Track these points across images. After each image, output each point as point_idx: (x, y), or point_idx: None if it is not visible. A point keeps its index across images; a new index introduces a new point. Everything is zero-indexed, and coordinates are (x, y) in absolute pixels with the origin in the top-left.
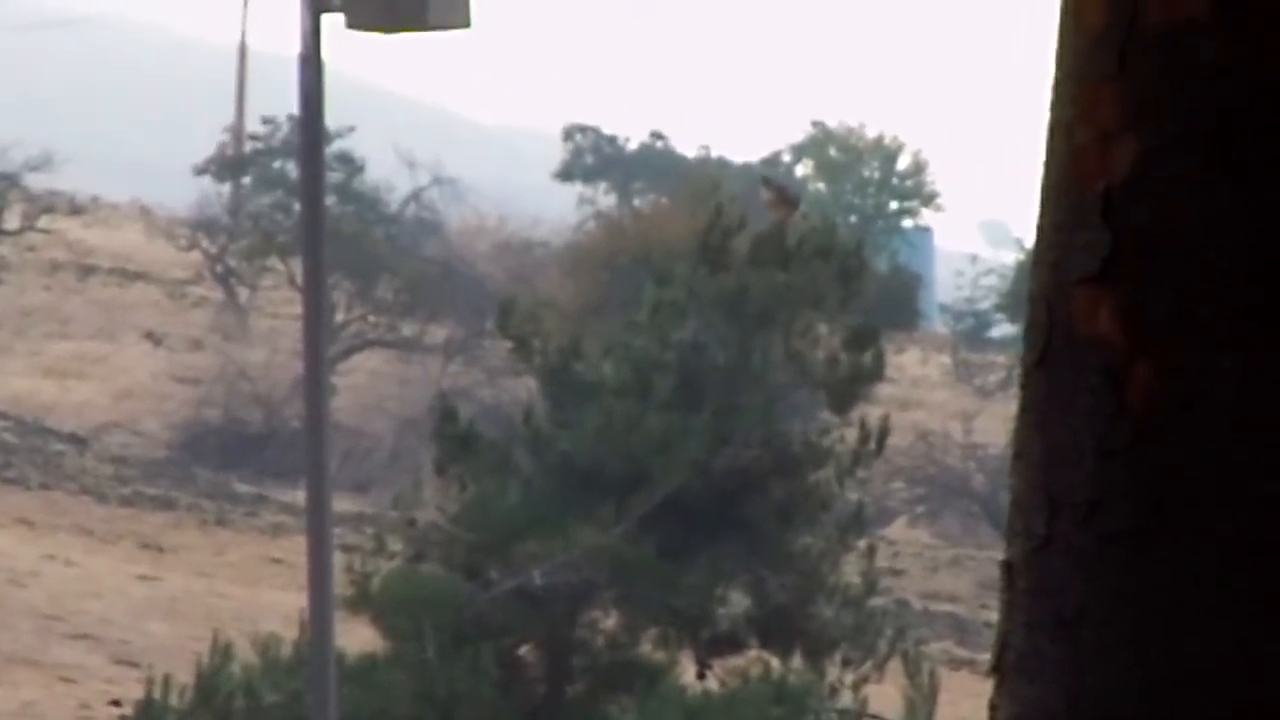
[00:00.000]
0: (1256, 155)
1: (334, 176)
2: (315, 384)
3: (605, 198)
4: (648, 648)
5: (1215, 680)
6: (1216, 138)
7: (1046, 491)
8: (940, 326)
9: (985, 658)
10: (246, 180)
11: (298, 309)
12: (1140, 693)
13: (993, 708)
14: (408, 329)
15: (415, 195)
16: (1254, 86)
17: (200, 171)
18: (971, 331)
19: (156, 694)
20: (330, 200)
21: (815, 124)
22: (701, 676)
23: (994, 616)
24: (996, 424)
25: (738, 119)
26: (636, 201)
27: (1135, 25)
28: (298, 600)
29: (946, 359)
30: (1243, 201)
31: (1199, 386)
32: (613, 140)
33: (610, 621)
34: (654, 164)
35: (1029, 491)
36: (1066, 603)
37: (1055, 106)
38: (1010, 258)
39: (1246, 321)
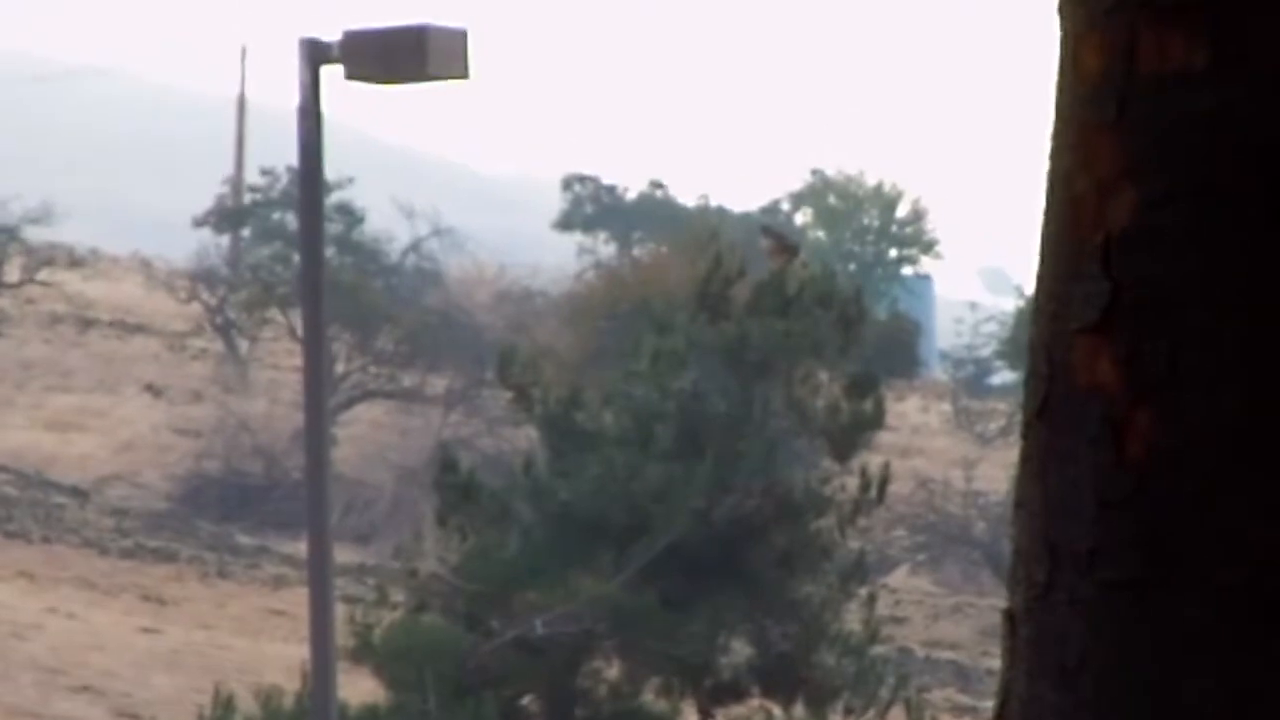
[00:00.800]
0: (1254, 205)
1: (333, 228)
2: (316, 435)
3: (605, 247)
4: (650, 697)
5: None
6: (1214, 187)
7: (1048, 541)
8: (940, 374)
9: (987, 705)
10: (246, 232)
11: (298, 360)
12: None
13: None
14: (408, 379)
15: (414, 245)
16: (1250, 136)
17: (199, 223)
18: (972, 379)
19: None
20: (330, 251)
21: (814, 172)
22: None
23: (996, 664)
24: (997, 471)
25: (737, 168)
26: (636, 251)
27: (1133, 73)
28: (300, 652)
29: (947, 406)
30: (1240, 251)
31: (1198, 436)
32: (612, 190)
33: (612, 671)
34: (653, 213)
35: (1030, 541)
36: (1068, 651)
37: (1054, 154)
38: (1010, 304)
39: (1245, 371)
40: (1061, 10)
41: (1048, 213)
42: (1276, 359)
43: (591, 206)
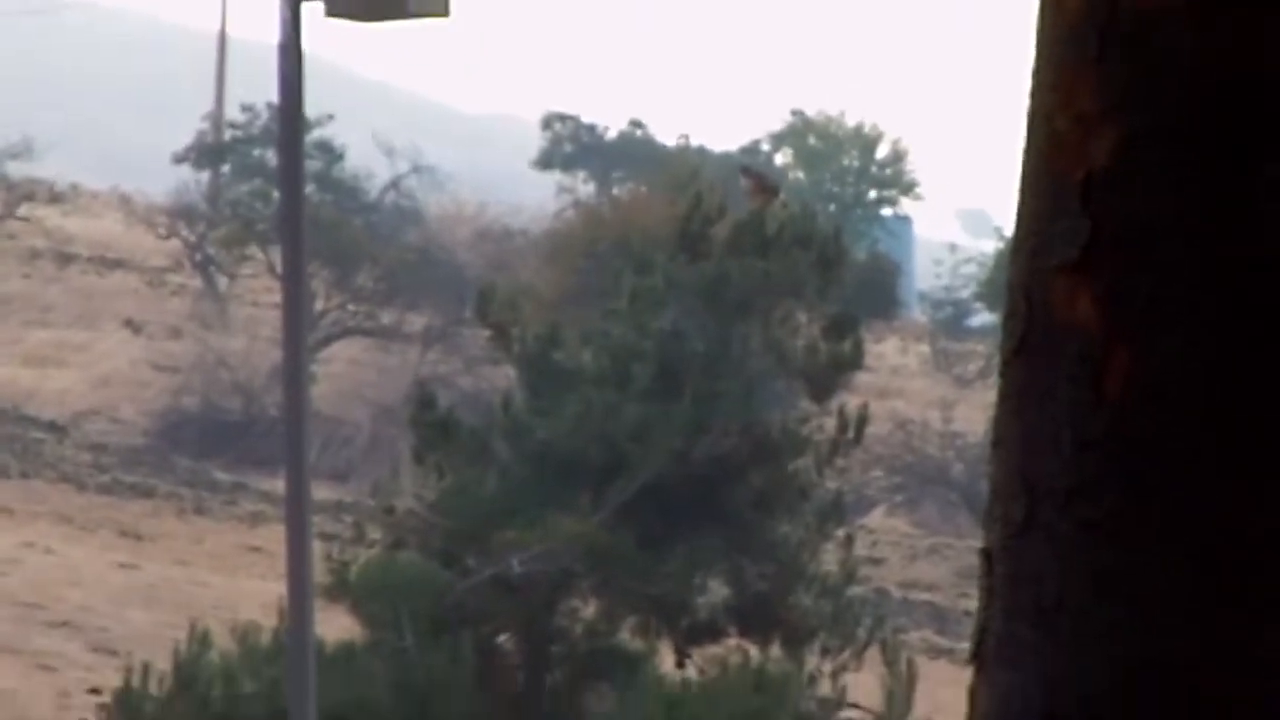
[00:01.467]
0: (1233, 144)
1: (313, 165)
2: (294, 372)
3: (584, 186)
4: (626, 636)
5: (1189, 667)
6: (1194, 126)
7: (1025, 479)
8: (919, 315)
9: (964, 646)
10: (226, 168)
11: (277, 297)
12: (1117, 679)
13: (972, 695)
14: (387, 317)
15: (394, 183)
16: (1230, 75)
17: (179, 159)
18: (950, 320)
19: (135, 682)
20: (309, 188)
21: (794, 113)
22: (680, 665)
23: (973, 605)
24: (975, 413)
25: (717, 108)
26: (615, 190)
27: (1114, 11)
28: (276, 588)
29: (925, 348)
30: (1220, 190)
31: (1176, 374)
32: (592, 129)
33: (589, 610)
34: (633, 152)
35: (1008, 479)
36: (1045, 590)
37: (1035, 93)
38: (989, 246)
39: (1224, 309)
40: None
41: (1027, 151)
42: (1255, 297)
43: (571, 145)
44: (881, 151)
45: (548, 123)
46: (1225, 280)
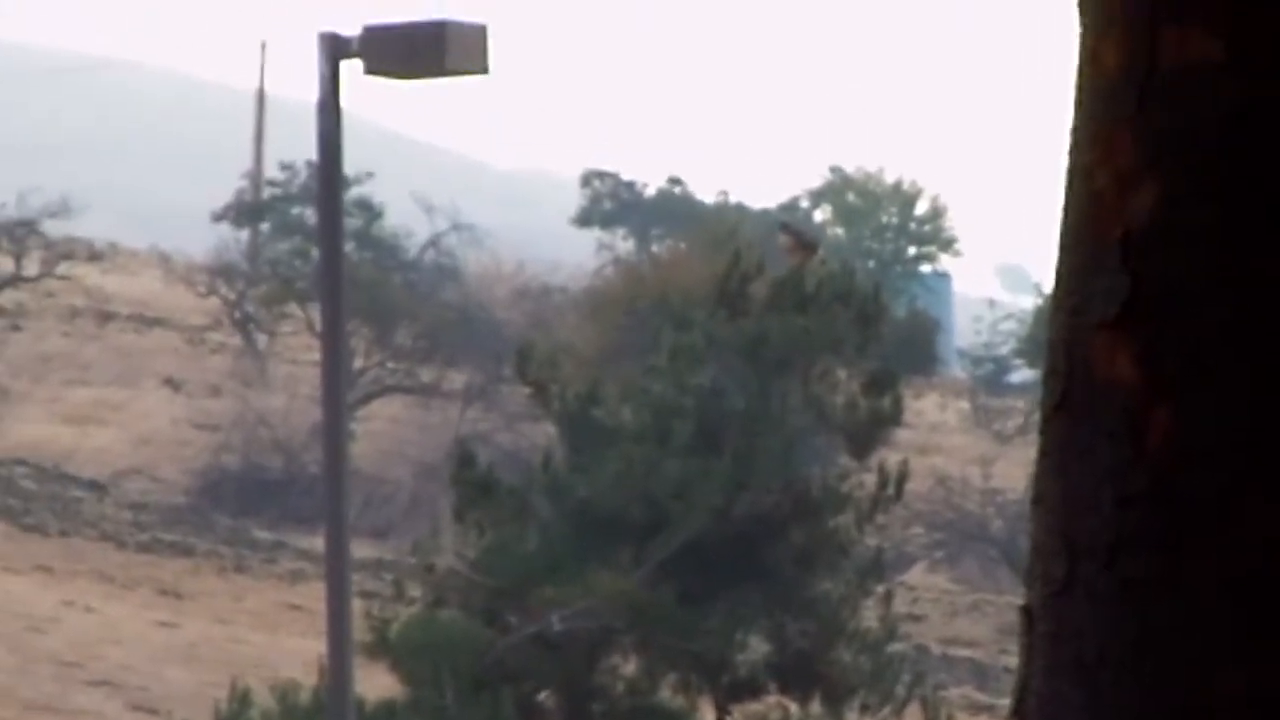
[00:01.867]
0: (1273, 200)
1: (352, 222)
2: (334, 430)
3: (623, 243)
4: (667, 693)
5: (1233, 716)
6: (1234, 182)
7: (1066, 536)
8: (959, 371)
9: (1005, 703)
10: (265, 226)
11: (316, 355)
12: None
13: None
14: (426, 375)
15: (433, 241)
16: (1270, 129)
17: (219, 218)
18: (990, 376)
19: None
20: (349, 246)
21: (833, 169)
22: None
23: (1013, 661)
24: (1015, 469)
25: (756, 165)
26: (655, 247)
27: (1152, 66)
28: (316, 646)
29: (965, 404)
30: (1260, 247)
31: (1216, 431)
32: (631, 186)
33: (629, 667)
34: (672, 210)
35: (1048, 536)
36: (1086, 647)
37: (1074, 150)
38: (1028, 302)
39: (1264, 367)
40: (1081, 6)
41: (1067, 208)
42: None
43: (610, 203)
44: (920, 208)
45: (586, 180)
46: (1264, 337)
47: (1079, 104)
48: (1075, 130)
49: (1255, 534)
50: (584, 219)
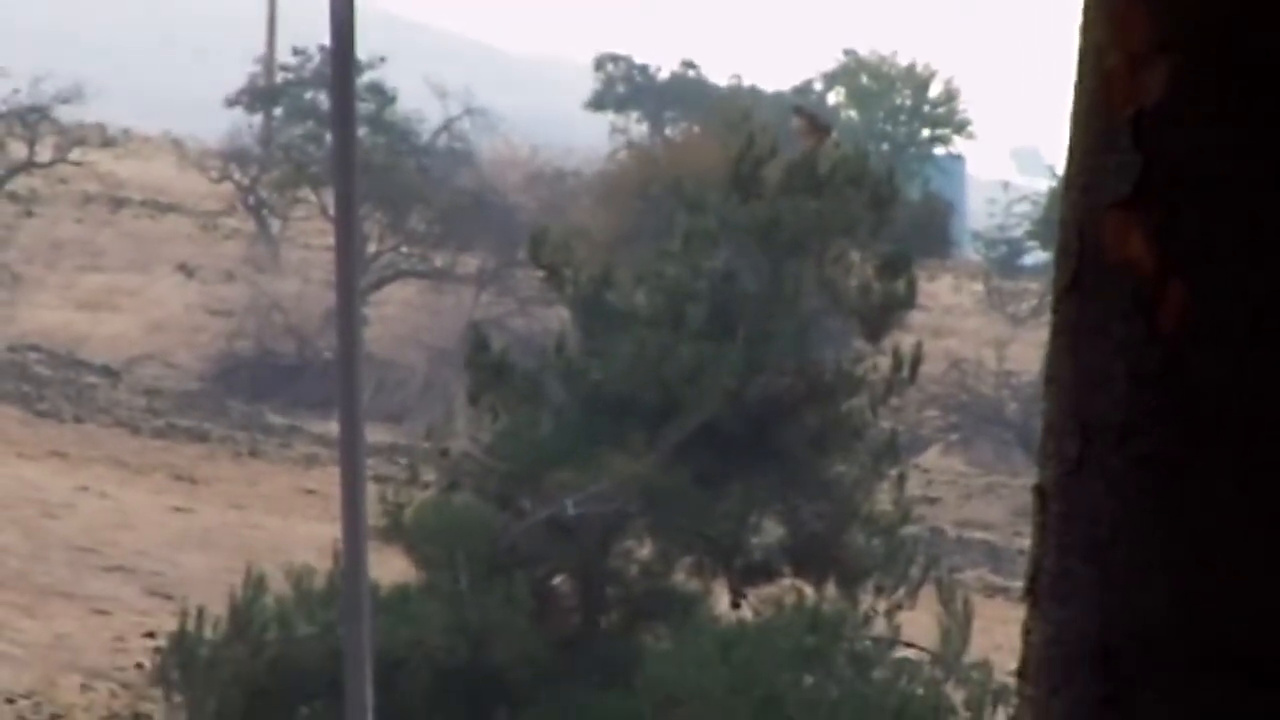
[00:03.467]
0: None
1: (365, 107)
2: (347, 315)
3: (637, 127)
4: (681, 577)
5: (1243, 598)
6: (1247, 59)
7: (1078, 415)
8: (973, 254)
9: (1019, 585)
10: (278, 111)
11: (329, 240)
12: (1172, 610)
13: (1026, 630)
14: (440, 259)
15: (447, 126)
16: None
17: (231, 103)
18: (1004, 259)
19: (190, 626)
20: (362, 131)
21: (847, 52)
22: (735, 605)
23: (1028, 544)
24: (1029, 351)
25: (769, 48)
26: (668, 131)
27: None
28: (331, 531)
29: (979, 287)
30: (1274, 124)
31: (1230, 309)
32: (644, 69)
33: (644, 551)
34: (685, 93)
35: (1061, 415)
36: (1099, 525)
37: (1085, 29)
38: (1043, 185)
39: (1276, 246)
40: None
41: (1079, 87)
42: None
43: (623, 86)
44: (934, 90)
45: (600, 64)
46: (1277, 214)
47: None
48: (1086, 10)
49: (1268, 413)
50: (597, 103)
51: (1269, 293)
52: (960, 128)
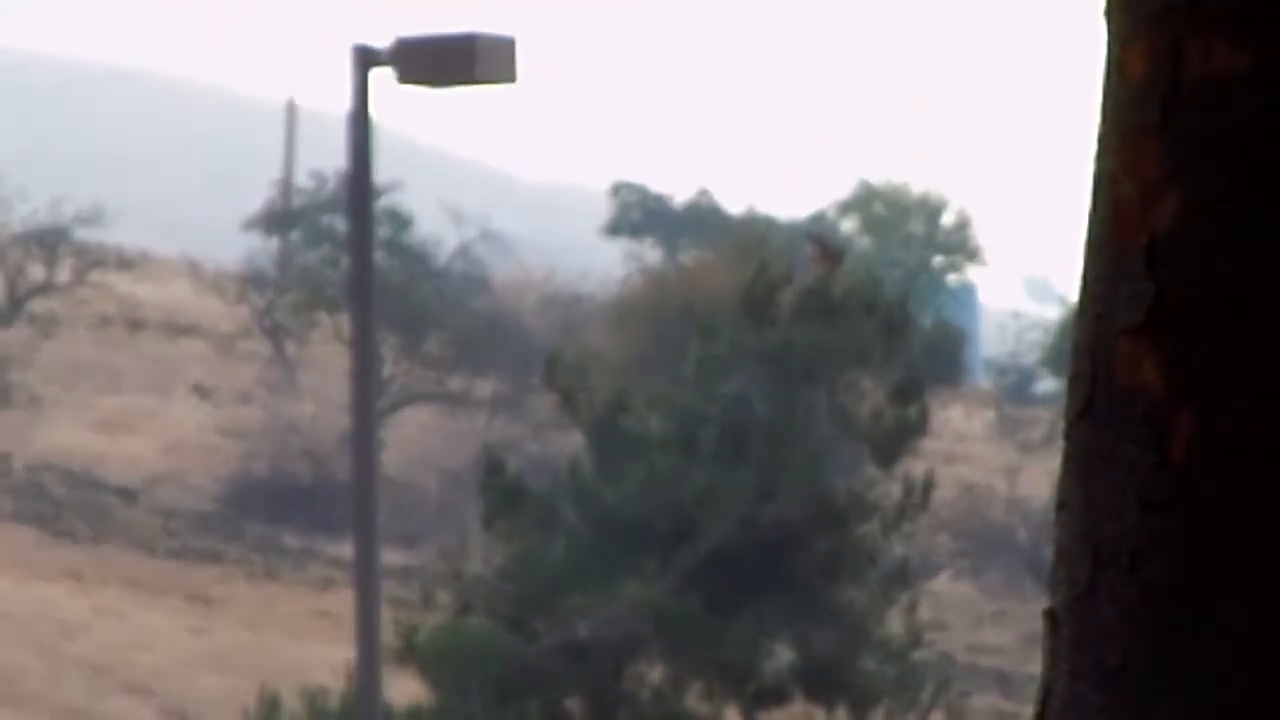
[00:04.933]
0: None
1: (381, 231)
2: (363, 437)
3: (651, 253)
4: (693, 701)
5: None
6: (1258, 192)
7: (1089, 541)
8: (984, 382)
9: (1029, 710)
10: (295, 235)
11: (345, 363)
12: None
13: None
14: (455, 383)
15: (462, 250)
16: None
17: (249, 226)
18: (1015, 387)
19: None
20: (378, 255)
21: (861, 181)
22: None
23: (1038, 670)
24: (1040, 478)
25: (784, 177)
26: (682, 258)
27: (1177, 77)
28: (345, 653)
29: (990, 414)
30: None
31: (1240, 437)
32: (659, 198)
33: (656, 674)
34: (700, 221)
35: (1072, 541)
36: (1110, 652)
37: (1099, 158)
38: (1053, 313)
39: None
40: (1108, 15)
41: (1092, 216)
42: None
43: (638, 213)
44: (947, 219)
45: (615, 191)
46: None
47: (1105, 113)
48: (1101, 139)
49: (1276, 540)
50: (612, 229)
51: (1277, 422)
52: (972, 255)
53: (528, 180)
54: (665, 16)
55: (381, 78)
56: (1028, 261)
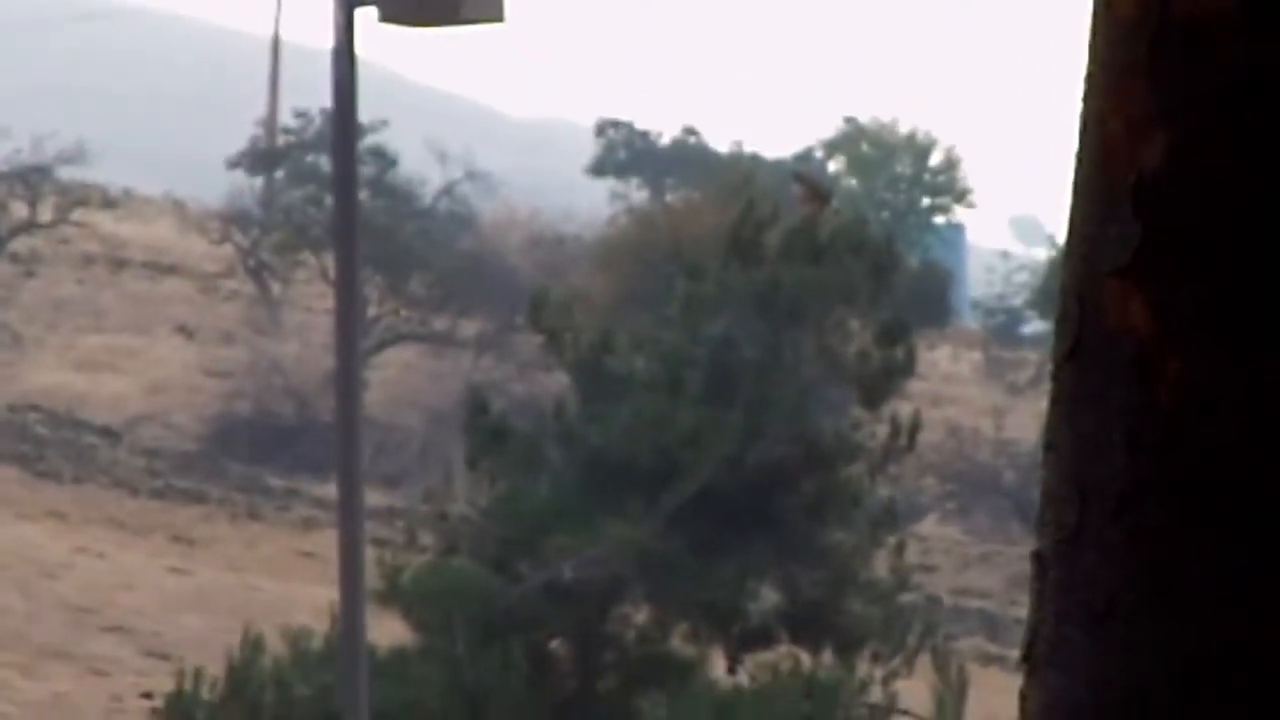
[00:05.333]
0: None
1: (366, 171)
2: (347, 378)
3: (638, 193)
4: (678, 643)
5: (1240, 669)
6: (1246, 133)
7: (1077, 483)
8: (972, 323)
9: (1015, 653)
10: (279, 174)
11: (330, 303)
12: (1169, 678)
13: (1023, 698)
14: (439, 323)
15: (447, 189)
16: None
17: (233, 165)
18: (1003, 328)
19: (188, 686)
20: (363, 194)
21: (848, 120)
22: (732, 671)
23: (1024, 613)
24: (1027, 420)
25: (770, 115)
26: (669, 197)
27: (1165, 17)
28: (329, 593)
29: (978, 355)
30: (1272, 196)
31: (1228, 379)
32: (645, 136)
33: (640, 616)
34: (686, 159)
35: (1060, 483)
36: (1096, 594)
37: (1087, 98)
38: (1041, 254)
39: (1274, 317)
40: None
41: (1080, 156)
42: None
43: (624, 152)
44: (934, 159)
45: (601, 129)
46: (1275, 289)
47: (1093, 52)
48: (1089, 78)
49: (1266, 484)
50: (598, 168)
51: (1266, 364)
52: (960, 196)
53: (515, 117)
54: None
55: (367, 14)
56: (1015, 200)
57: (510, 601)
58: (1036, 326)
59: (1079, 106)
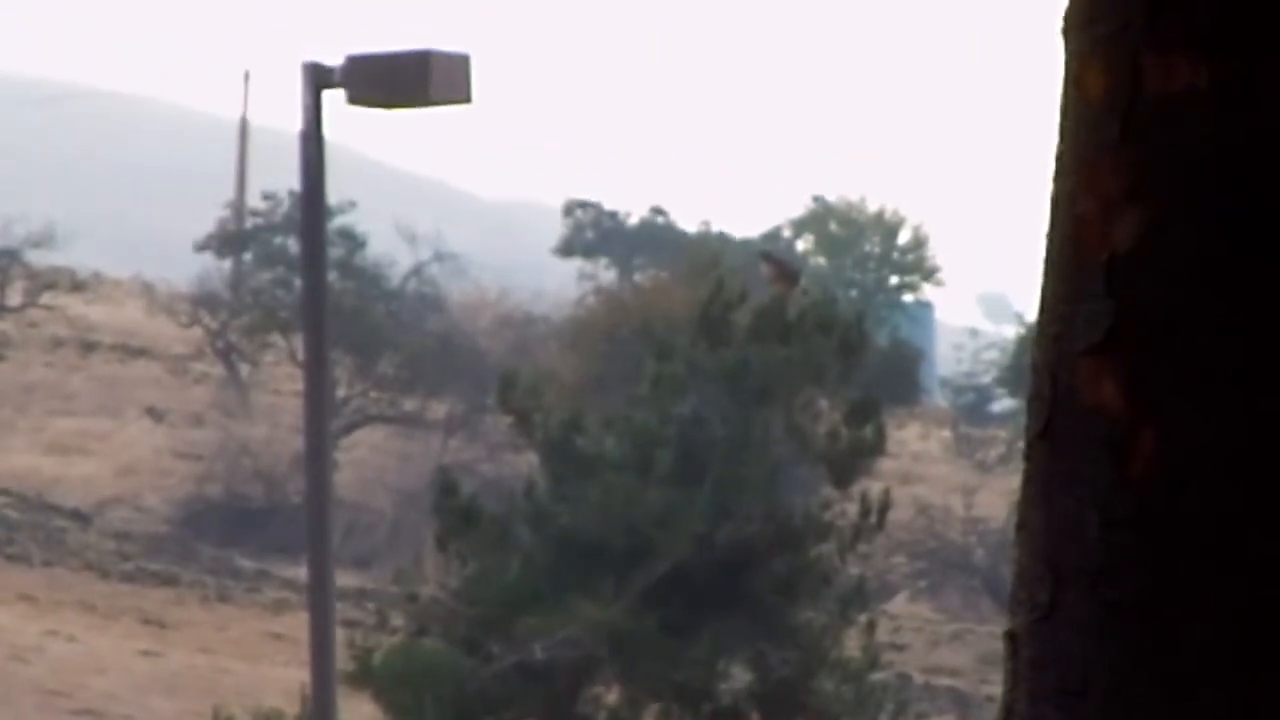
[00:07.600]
0: (1255, 228)
1: (335, 252)
2: (317, 459)
3: (606, 273)
4: None
5: None
6: (1218, 210)
7: (1050, 561)
8: (941, 401)
9: None
10: (248, 256)
11: (299, 385)
12: None
13: None
14: (409, 404)
15: (416, 270)
16: (1254, 160)
17: (201, 247)
18: (972, 406)
19: None
20: (331, 276)
21: (816, 199)
22: None
23: (995, 691)
24: (997, 499)
25: (738, 194)
26: (637, 276)
27: (1136, 93)
28: (300, 675)
29: (947, 433)
30: (1241, 273)
31: (1201, 454)
32: (613, 216)
33: (612, 696)
34: (655, 239)
35: (1033, 561)
36: (1071, 672)
37: (1058, 176)
38: (1010, 331)
39: (1245, 391)
40: (1065, 33)
41: (1051, 233)
42: (1276, 380)
43: (593, 232)
44: (903, 237)
45: (569, 210)
46: (1245, 363)
47: (1063, 130)
48: (1060, 157)
49: (1238, 558)
50: (567, 249)
51: (1236, 439)
52: (929, 274)
53: (483, 197)
54: (619, 36)
55: (335, 96)
56: (983, 278)
57: (482, 682)
58: (1005, 404)
59: (1048, 185)
